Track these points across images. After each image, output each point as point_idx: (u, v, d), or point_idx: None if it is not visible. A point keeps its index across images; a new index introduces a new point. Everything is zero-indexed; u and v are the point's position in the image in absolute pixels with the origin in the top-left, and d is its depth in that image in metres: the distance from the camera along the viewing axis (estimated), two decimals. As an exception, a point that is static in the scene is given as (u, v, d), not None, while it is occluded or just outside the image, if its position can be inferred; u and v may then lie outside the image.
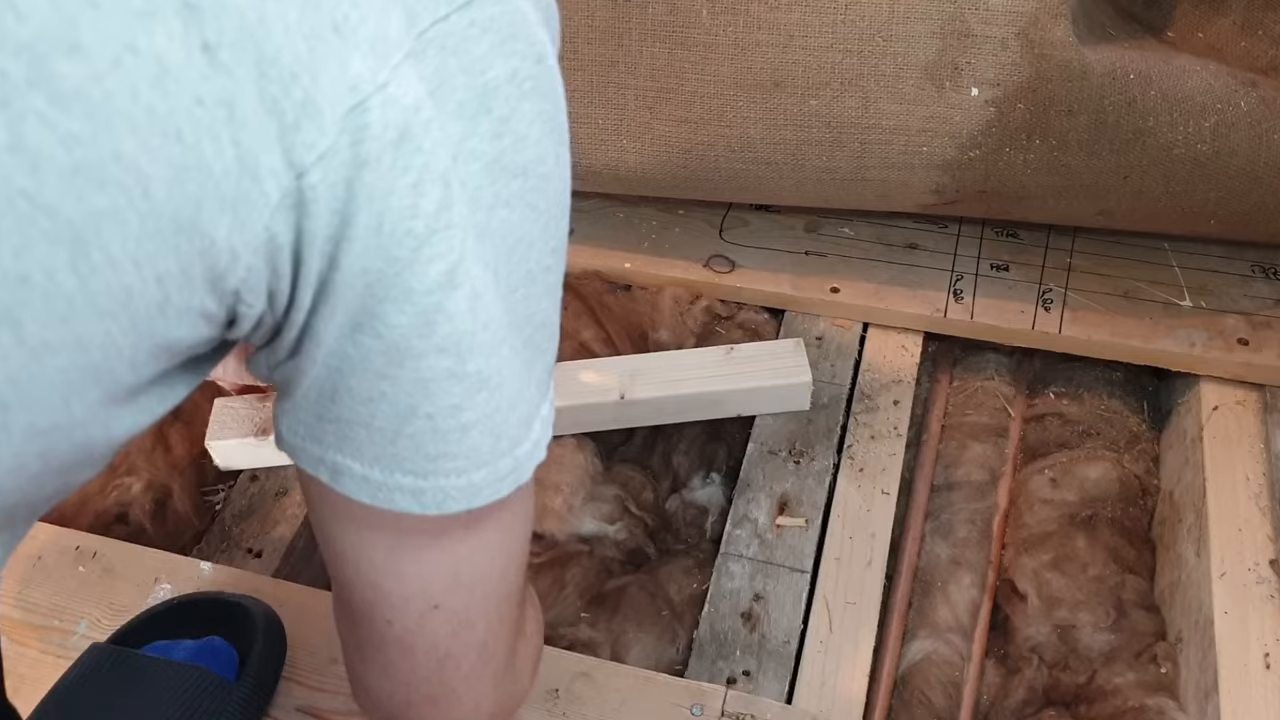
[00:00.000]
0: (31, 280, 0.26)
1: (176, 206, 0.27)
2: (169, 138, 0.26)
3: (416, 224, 0.29)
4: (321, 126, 0.27)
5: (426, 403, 0.32)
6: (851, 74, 0.72)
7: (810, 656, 0.67)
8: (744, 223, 0.93)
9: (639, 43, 0.74)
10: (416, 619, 0.38)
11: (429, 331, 0.31)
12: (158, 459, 0.81)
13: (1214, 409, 0.78)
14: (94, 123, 0.25)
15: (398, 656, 0.39)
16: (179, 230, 0.27)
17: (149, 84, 0.25)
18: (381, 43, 0.27)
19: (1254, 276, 0.85)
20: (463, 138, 0.30)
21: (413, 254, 0.29)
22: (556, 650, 0.67)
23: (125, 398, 0.31)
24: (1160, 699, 0.67)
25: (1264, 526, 0.71)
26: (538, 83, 0.32)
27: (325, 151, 0.27)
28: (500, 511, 0.37)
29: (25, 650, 0.66)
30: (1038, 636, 0.72)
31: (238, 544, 0.74)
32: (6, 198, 0.25)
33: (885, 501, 0.75)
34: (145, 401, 0.32)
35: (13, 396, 0.28)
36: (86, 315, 0.27)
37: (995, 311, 0.84)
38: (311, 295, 0.30)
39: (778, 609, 0.69)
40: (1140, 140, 0.72)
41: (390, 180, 0.28)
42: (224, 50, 0.26)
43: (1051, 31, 0.69)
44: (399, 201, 0.29)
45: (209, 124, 0.26)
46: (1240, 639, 0.66)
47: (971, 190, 0.78)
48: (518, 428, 0.35)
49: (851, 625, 0.68)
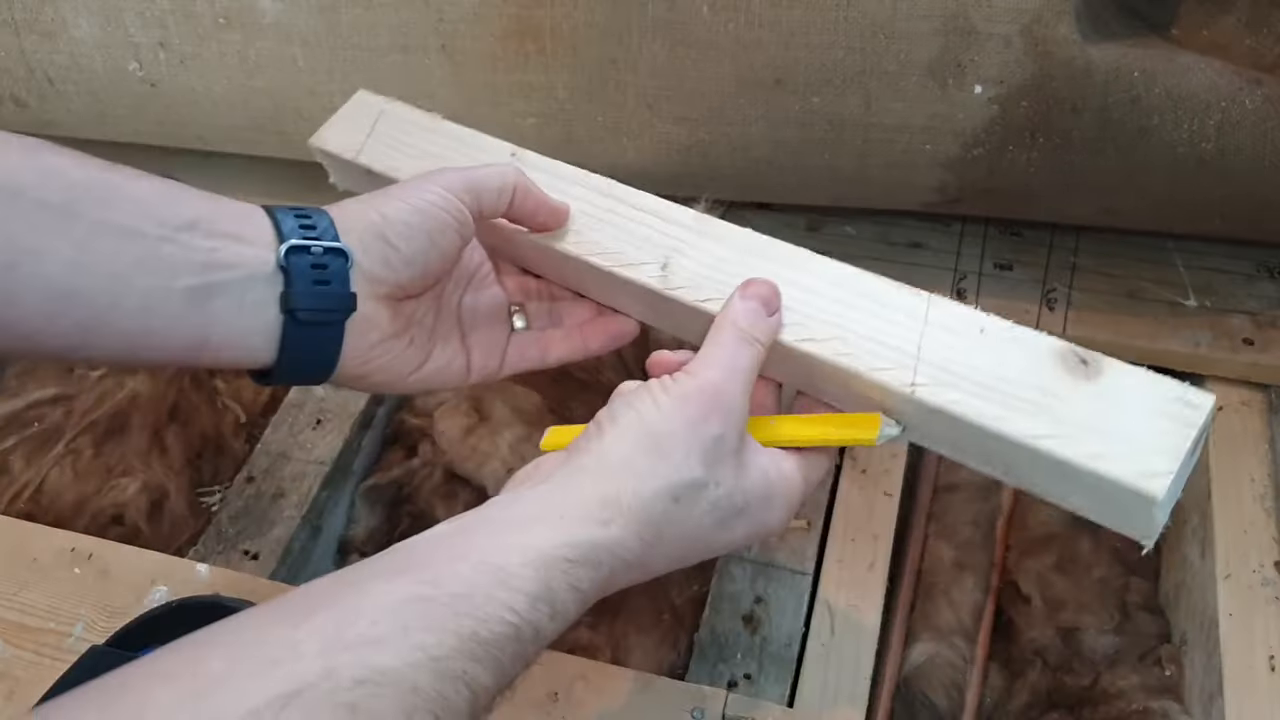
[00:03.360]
0: None
1: None
2: None
3: None
4: None
5: None
6: (854, 71, 0.71)
7: (812, 659, 0.66)
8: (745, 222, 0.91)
9: (639, 40, 0.74)
10: None
11: None
12: (154, 460, 0.80)
13: (1219, 409, 0.78)
14: None
15: None
16: None
17: None
18: None
19: (1259, 276, 0.85)
20: None
21: None
22: (556, 654, 0.67)
23: None
24: (1165, 702, 0.67)
25: (1269, 528, 0.71)
26: None
27: None
28: None
29: (21, 653, 0.66)
30: (1041, 639, 0.71)
31: (234, 546, 0.74)
32: None
33: (888, 503, 0.74)
34: None
35: None
36: None
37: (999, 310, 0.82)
38: None
39: (779, 612, 0.69)
40: (1144, 138, 0.72)
41: None
42: None
43: (1055, 29, 0.68)
44: None
45: None
46: (1245, 641, 0.66)
47: (975, 189, 0.77)
48: None
49: (853, 628, 0.68)
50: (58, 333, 0.42)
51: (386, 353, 0.50)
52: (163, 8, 0.80)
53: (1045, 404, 0.44)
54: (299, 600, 0.36)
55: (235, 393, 0.86)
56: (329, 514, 0.79)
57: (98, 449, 0.81)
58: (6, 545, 0.71)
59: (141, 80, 0.83)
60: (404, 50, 0.78)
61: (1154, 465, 0.41)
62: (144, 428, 0.82)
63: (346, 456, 0.81)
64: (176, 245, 0.43)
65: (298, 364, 0.47)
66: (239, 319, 0.45)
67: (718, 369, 0.45)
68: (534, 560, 0.38)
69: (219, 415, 0.85)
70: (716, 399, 0.44)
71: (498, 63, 0.77)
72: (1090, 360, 0.44)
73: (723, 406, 0.44)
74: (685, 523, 0.43)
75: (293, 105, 0.83)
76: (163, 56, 0.82)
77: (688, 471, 0.42)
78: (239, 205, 0.47)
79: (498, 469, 0.78)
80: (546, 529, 0.40)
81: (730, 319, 0.47)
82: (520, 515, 0.41)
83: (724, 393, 0.44)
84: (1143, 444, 0.42)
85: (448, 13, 0.76)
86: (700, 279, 0.52)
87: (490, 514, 0.42)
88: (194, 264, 0.44)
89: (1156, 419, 0.42)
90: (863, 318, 0.49)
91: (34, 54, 0.83)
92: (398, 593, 0.36)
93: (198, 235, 0.44)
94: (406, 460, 0.81)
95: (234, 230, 0.45)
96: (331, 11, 0.78)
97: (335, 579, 0.38)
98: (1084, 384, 0.44)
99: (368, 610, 0.35)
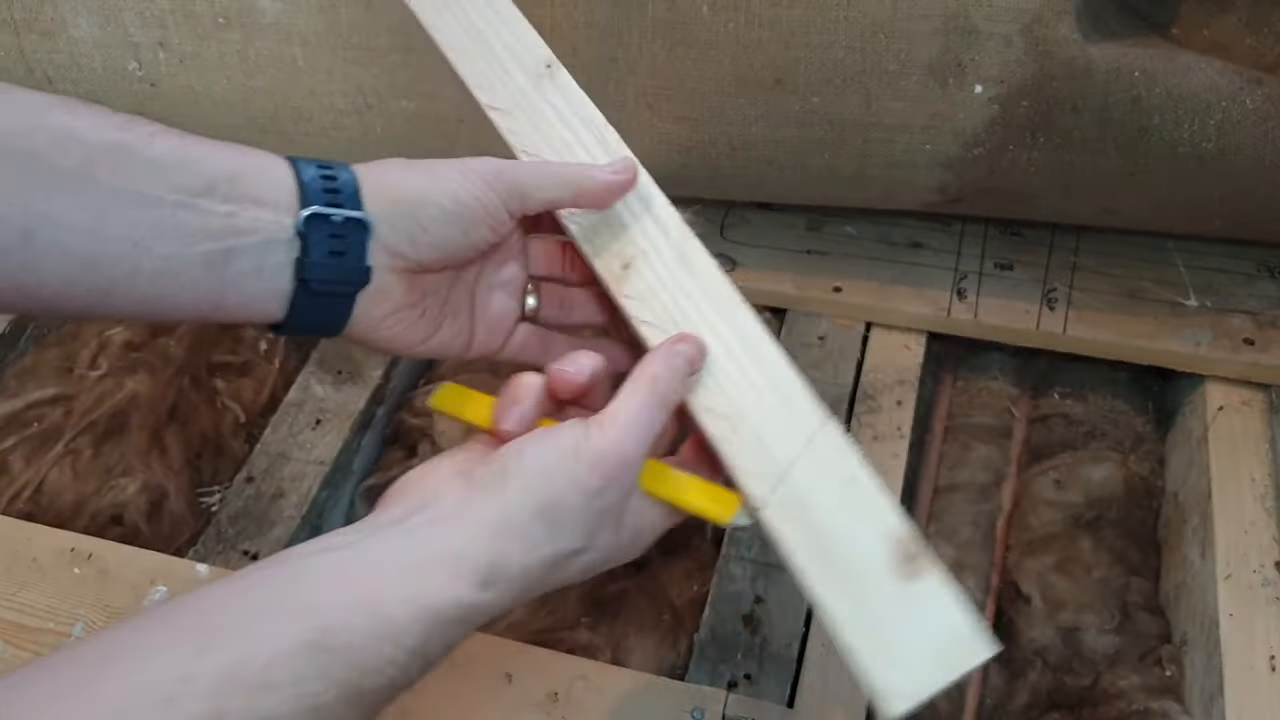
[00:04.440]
0: None
1: None
2: None
3: None
4: None
5: None
6: (854, 71, 0.71)
7: (812, 660, 0.66)
8: (745, 221, 0.92)
9: (639, 40, 0.74)
10: None
11: None
12: (153, 460, 0.80)
13: (1219, 409, 0.78)
14: None
15: None
16: None
17: None
18: None
19: (1260, 276, 0.85)
20: None
21: None
22: (555, 654, 0.67)
23: None
24: (1165, 702, 0.67)
25: (1270, 528, 0.71)
26: None
27: None
28: None
29: (20, 653, 0.66)
30: (1041, 639, 0.71)
31: (234, 546, 0.74)
32: None
33: (888, 503, 0.74)
34: None
35: None
36: None
37: (999, 311, 0.84)
38: None
39: (779, 612, 0.69)
40: (1145, 138, 0.72)
41: None
42: None
43: (1056, 28, 0.68)
44: None
45: None
46: (1246, 641, 0.66)
47: (975, 188, 0.77)
48: None
49: (854, 628, 0.68)
50: (76, 297, 0.42)
51: (398, 323, 0.49)
52: (162, 7, 0.80)
53: (858, 586, 0.45)
54: (198, 617, 0.37)
55: (235, 393, 0.86)
56: (329, 514, 0.79)
57: (97, 449, 0.81)
58: (6, 545, 0.71)
59: (141, 80, 0.83)
60: (405, 50, 0.78)
61: (903, 688, 0.43)
62: (143, 428, 0.82)
63: (346, 456, 0.80)
64: (194, 211, 0.43)
65: (306, 324, 0.47)
66: (254, 284, 0.45)
67: (630, 434, 0.43)
68: (421, 616, 0.39)
69: (218, 415, 0.85)
70: (620, 469, 0.43)
71: (498, 62, 0.77)
72: (916, 559, 0.45)
73: (622, 478, 0.43)
74: (552, 581, 0.44)
75: (293, 105, 0.83)
76: (162, 56, 0.82)
77: (573, 542, 0.43)
78: (260, 159, 0.45)
79: (498, 469, 0.78)
80: (436, 583, 0.40)
81: (655, 374, 0.46)
82: (415, 558, 0.41)
83: (628, 462, 0.43)
84: (908, 664, 0.44)
85: (447, 12, 0.76)
86: (652, 295, 0.51)
87: (390, 543, 0.41)
88: (211, 230, 0.43)
89: (934, 647, 0.44)
90: (759, 409, 0.48)
91: (33, 53, 0.83)
92: (295, 636, 0.36)
93: (215, 200, 0.43)
94: (406, 460, 0.81)
95: (254, 192, 0.44)
96: (331, 11, 0.78)
97: (232, 590, 0.38)
98: (898, 582, 0.45)
99: (264, 652, 0.36)
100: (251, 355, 0.88)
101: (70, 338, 0.90)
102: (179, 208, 0.43)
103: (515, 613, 0.72)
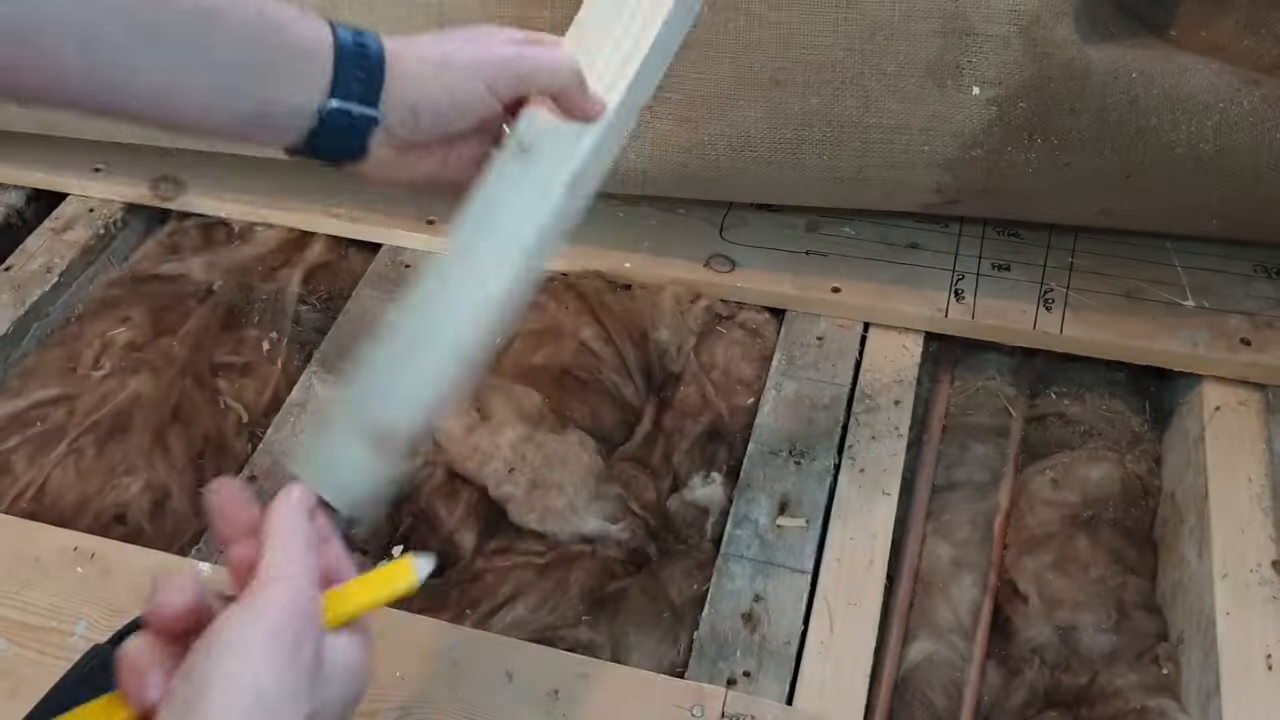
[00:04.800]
0: None
1: None
2: None
3: None
4: None
5: None
6: (853, 72, 0.72)
7: (811, 658, 0.67)
8: (745, 222, 0.93)
9: (639, 41, 0.74)
10: None
11: None
12: (156, 460, 0.81)
13: (1216, 409, 0.78)
14: None
15: None
16: None
17: None
18: None
19: (1256, 276, 0.85)
20: None
21: None
22: (556, 651, 0.67)
23: None
24: (1162, 700, 0.67)
25: (1266, 527, 0.71)
26: None
27: None
28: None
29: (23, 651, 0.66)
30: (1039, 638, 0.72)
31: (237, 544, 0.74)
32: None
33: (886, 502, 0.75)
34: None
35: None
36: None
37: (997, 311, 0.84)
38: None
39: (778, 610, 0.69)
40: (1142, 139, 0.72)
41: None
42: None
43: (1054, 30, 0.69)
44: None
45: None
46: (1242, 640, 0.66)
47: (973, 189, 0.78)
48: None
49: (852, 626, 0.68)
50: (145, 121, 0.49)
51: (387, 169, 0.54)
52: (165, 9, 0.80)
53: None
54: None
55: (238, 393, 0.86)
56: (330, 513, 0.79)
57: (100, 449, 0.81)
58: (9, 544, 0.72)
59: (143, 81, 0.83)
60: (405, 51, 0.78)
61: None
62: (146, 427, 0.82)
63: (348, 456, 0.81)
64: (253, 83, 0.49)
65: (296, 154, 0.54)
66: (275, 137, 0.52)
67: (294, 584, 0.42)
68: None
69: (221, 415, 0.85)
70: (304, 621, 0.41)
71: (498, 64, 0.78)
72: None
73: (307, 627, 0.41)
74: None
75: (294, 106, 0.83)
76: (165, 57, 0.83)
77: (299, 714, 0.40)
78: (309, 36, 0.51)
79: (499, 468, 0.78)
80: None
81: (290, 526, 0.44)
82: None
83: (306, 610, 0.41)
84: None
85: (449, 13, 0.76)
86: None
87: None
88: (257, 99, 0.50)
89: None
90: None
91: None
92: None
93: (272, 77, 0.50)
94: (407, 459, 0.82)
95: (299, 66, 0.50)
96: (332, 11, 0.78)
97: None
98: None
99: None
100: (254, 356, 0.88)
101: (73, 338, 0.90)
102: (241, 77, 0.49)
103: (516, 611, 0.72)
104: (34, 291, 0.92)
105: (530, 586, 0.74)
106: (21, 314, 0.91)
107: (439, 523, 0.78)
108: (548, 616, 0.72)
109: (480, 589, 0.74)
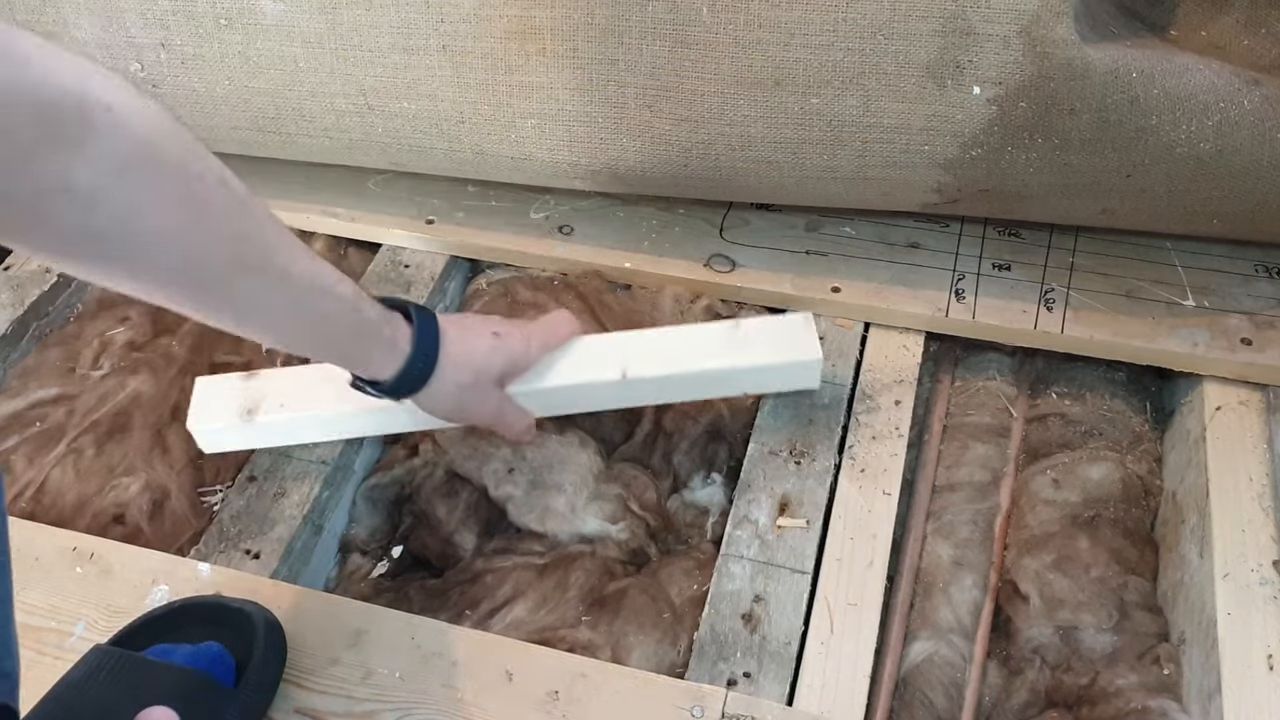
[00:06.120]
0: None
1: None
2: None
3: None
4: None
5: None
6: (853, 72, 0.72)
7: (811, 658, 0.67)
8: (745, 222, 0.93)
9: (639, 40, 0.74)
10: None
11: None
12: (155, 460, 0.80)
13: (1217, 409, 0.78)
14: None
15: None
16: None
17: None
18: None
19: (1257, 276, 0.85)
20: None
21: None
22: (556, 652, 0.67)
23: None
24: (1163, 700, 0.67)
25: (1267, 527, 0.71)
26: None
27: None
28: None
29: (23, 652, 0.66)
30: (1040, 638, 0.72)
31: (235, 545, 0.74)
32: None
33: (887, 502, 0.74)
34: None
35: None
36: None
37: (997, 311, 0.84)
38: None
39: (778, 610, 0.69)
40: (1143, 139, 0.72)
41: None
42: None
43: (1054, 29, 0.68)
44: None
45: None
46: (1243, 640, 0.66)
47: (973, 189, 0.78)
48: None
49: (853, 626, 0.68)
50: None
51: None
52: (164, 8, 0.80)
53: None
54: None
55: (236, 392, 0.86)
56: (330, 513, 0.79)
57: (99, 448, 0.81)
58: (8, 544, 0.71)
59: (143, 81, 0.83)
60: (405, 51, 0.78)
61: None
62: (146, 427, 0.82)
63: (348, 456, 0.81)
64: (355, 317, 0.63)
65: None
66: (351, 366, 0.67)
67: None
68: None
69: (220, 415, 0.85)
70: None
71: (498, 63, 0.78)
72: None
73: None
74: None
75: (294, 106, 0.83)
76: (164, 57, 0.83)
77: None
78: (393, 336, 0.65)
79: (499, 468, 0.78)
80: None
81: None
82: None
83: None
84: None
85: (449, 13, 0.76)
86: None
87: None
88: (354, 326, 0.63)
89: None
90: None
91: (36, 55, 0.83)
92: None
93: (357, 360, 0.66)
94: (408, 459, 0.82)
95: (389, 336, 0.65)
96: (332, 12, 0.78)
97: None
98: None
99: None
100: (254, 355, 0.88)
101: (72, 338, 0.90)
102: (346, 311, 0.62)
103: (515, 612, 0.72)
104: (33, 291, 0.92)
105: (530, 587, 0.73)
106: (21, 313, 0.91)
107: (439, 523, 0.78)
108: (547, 617, 0.72)
109: (480, 589, 0.74)
